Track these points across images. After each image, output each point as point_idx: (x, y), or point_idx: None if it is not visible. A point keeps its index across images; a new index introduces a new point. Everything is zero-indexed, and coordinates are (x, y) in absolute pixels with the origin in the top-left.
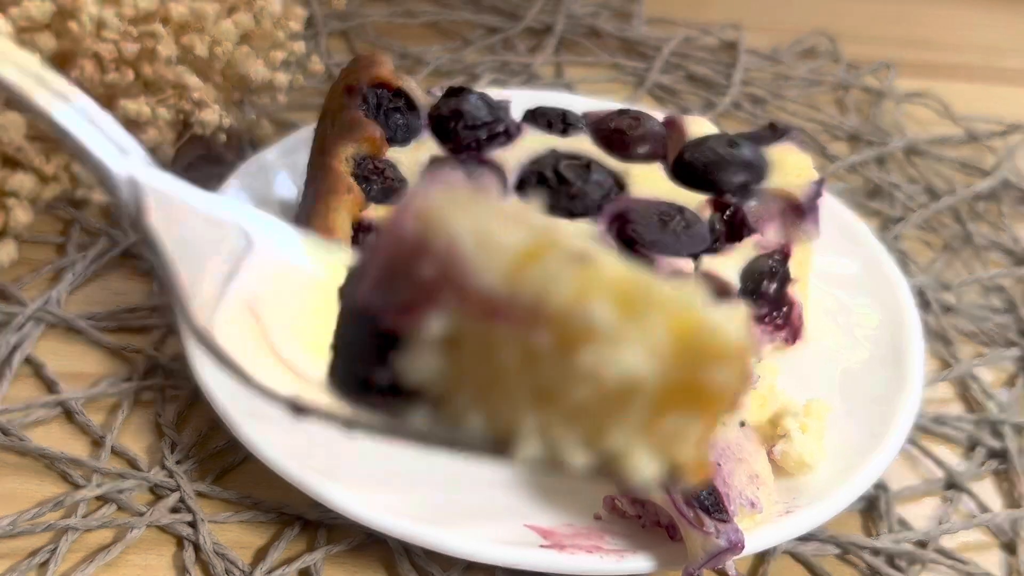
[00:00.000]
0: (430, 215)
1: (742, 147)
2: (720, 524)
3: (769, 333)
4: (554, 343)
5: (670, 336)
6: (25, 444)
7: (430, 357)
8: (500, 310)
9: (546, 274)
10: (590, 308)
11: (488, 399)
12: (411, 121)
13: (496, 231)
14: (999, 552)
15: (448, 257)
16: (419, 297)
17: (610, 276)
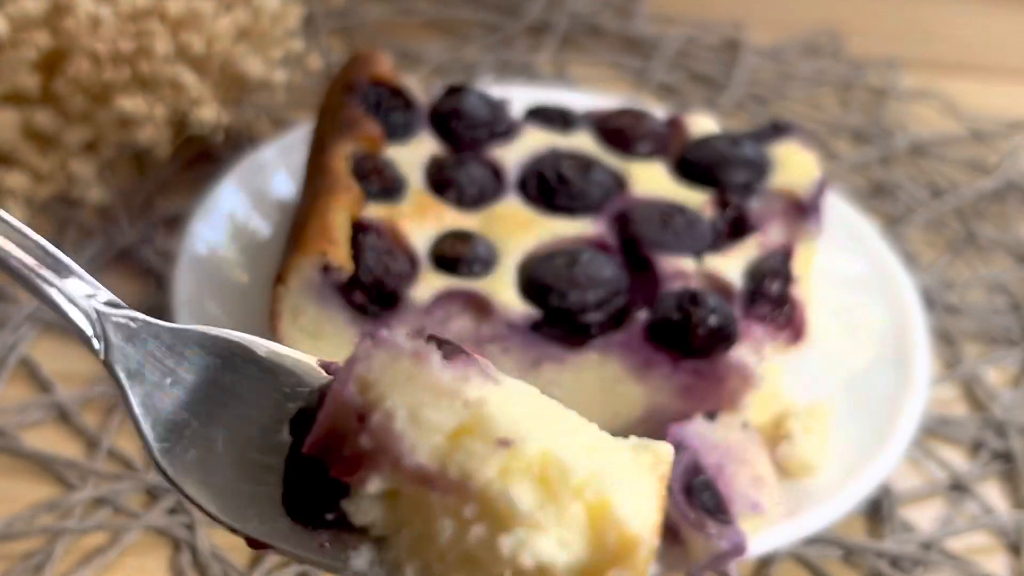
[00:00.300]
0: (371, 383)
1: (744, 145)
2: (722, 526)
3: (771, 333)
4: (479, 517)
5: (585, 516)
6: (20, 446)
7: (372, 506)
8: (432, 481)
9: (471, 456)
10: (510, 491)
11: (422, 553)
12: (410, 119)
13: (428, 409)
14: (1004, 554)
15: (383, 433)
16: (359, 458)
17: (531, 459)
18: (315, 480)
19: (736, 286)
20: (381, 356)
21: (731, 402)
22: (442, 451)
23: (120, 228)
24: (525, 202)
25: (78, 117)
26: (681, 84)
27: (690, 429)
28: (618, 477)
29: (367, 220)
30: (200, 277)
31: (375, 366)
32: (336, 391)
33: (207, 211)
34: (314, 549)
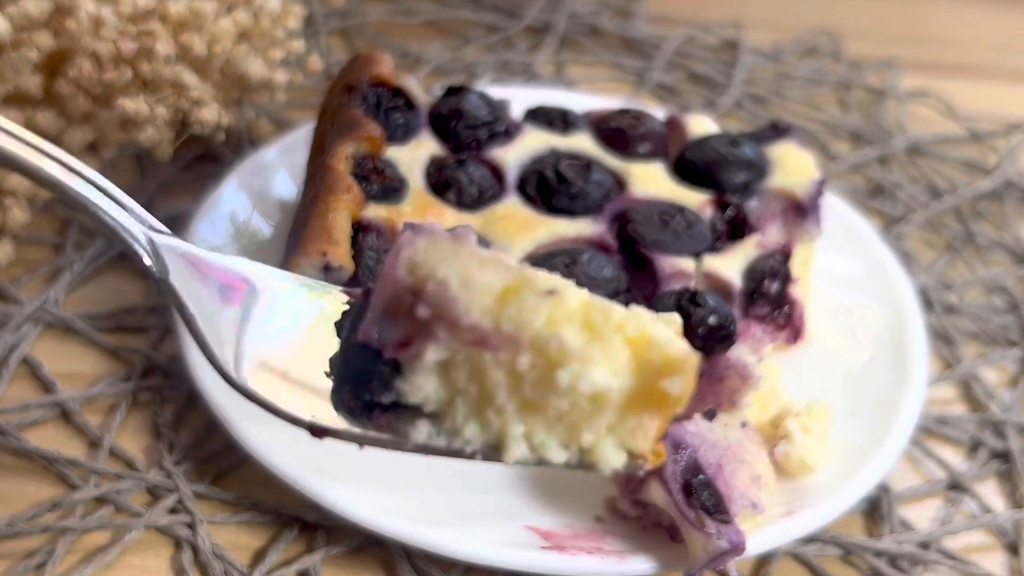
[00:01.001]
0: (419, 264)
1: (743, 146)
2: (722, 525)
3: (770, 333)
4: (534, 364)
5: (628, 353)
6: (22, 445)
7: (427, 380)
8: (486, 339)
9: (522, 308)
10: (561, 334)
11: (481, 413)
12: (411, 120)
13: (477, 274)
14: (1002, 553)
15: (439, 299)
16: (415, 332)
17: (575, 306)
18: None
19: (735, 286)
20: (423, 241)
21: (730, 401)
22: (493, 310)
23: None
24: (525, 202)
25: (80, 118)
26: (680, 84)
27: (689, 428)
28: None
29: (368, 221)
30: None
31: (419, 250)
32: (388, 275)
33: (208, 211)
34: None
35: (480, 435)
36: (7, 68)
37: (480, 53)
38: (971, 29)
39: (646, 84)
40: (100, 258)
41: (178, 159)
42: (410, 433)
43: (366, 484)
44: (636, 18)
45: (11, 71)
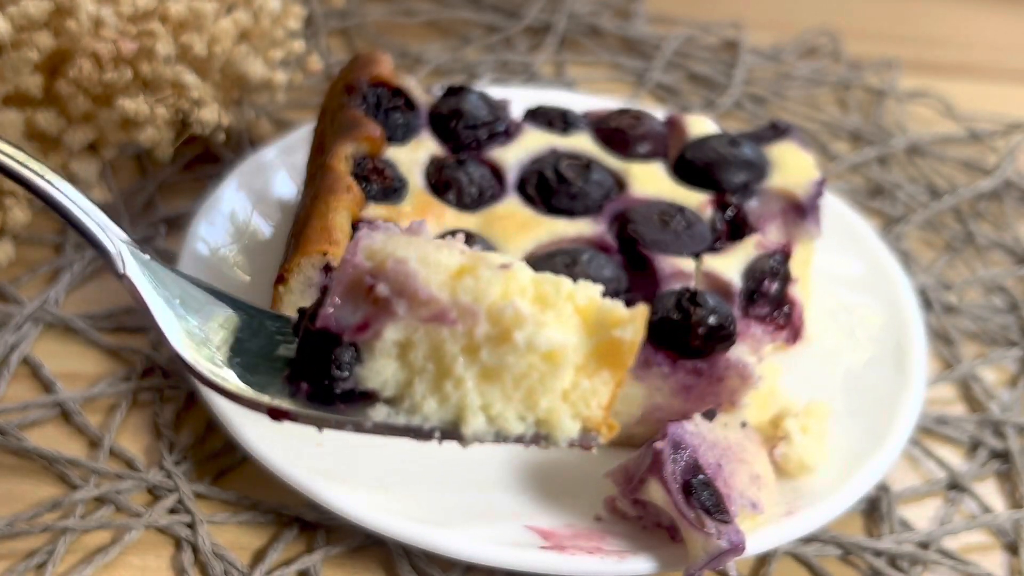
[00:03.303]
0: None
1: (743, 146)
2: (721, 525)
3: (770, 333)
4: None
5: (578, 317)
6: (23, 444)
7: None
8: (444, 313)
9: (478, 280)
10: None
11: (439, 388)
12: (410, 120)
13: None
14: (1002, 553)
15: (398, 274)
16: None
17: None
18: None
19: (735, 286)
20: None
21: (730, 401)
22: (450, 284)
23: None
24: (525, 202)
25: (80, 118)
26: (680, 85)
27: (689, 428)
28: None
29: (368, 220)
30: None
31: (377, 239)
32: (347, 261)
33: (208, 211)
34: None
35: (438, 411)
36: (7, 68)
37: (480, 53)
38: (971, 30)
39: (646, 84)
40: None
41: (178, 159)
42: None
43: (366, 484)
44: (636, 18)
45: (11, 71)
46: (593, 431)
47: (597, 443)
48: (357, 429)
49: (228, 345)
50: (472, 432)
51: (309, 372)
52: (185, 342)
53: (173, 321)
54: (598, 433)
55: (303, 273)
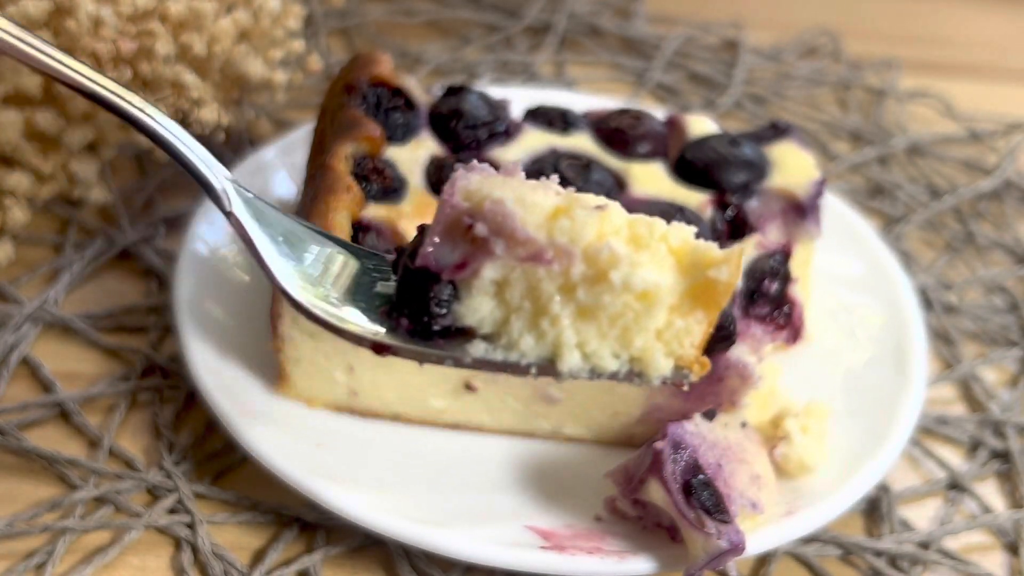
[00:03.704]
0: (475, 191)
1: (743, 146)
2: (721, 525)
3: (770, 333)
4: (586, 273)
5: (672, 257)
6: (22, 444)
7: (483, 301)
8: (541, 252)
9: (574, 221)
10: (611, 242)
11: (536, 326)
12: (410, 120)
13: (530, 195)
14: (1002, 553)
15: (497, 216)
16: (472, 254)
17: (621, 221)
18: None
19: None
20: (476, 175)
21: (730, 401)
22: (547, 225)
23: (121, 228)
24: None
25: (79, 117)
26: (680, 84)
27: (689, 428)
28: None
29: (367, 220)
30: (201, 277)
31: (474, 180)
32: (446, 201)
33: (208, 211)
34: (432, 346)
35: (535, 348)
36: (7, 68)
37: (480, 53)
38: (971, 29)
39: (646, 84)
40: (100, 258)
41: None
42: (467, 350)
43: (366, 484)
44: (636, 18)
45: (11, 71)
46: (685, 369)
47: (689, 380)
48: (457, 364)
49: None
50: (568, 368)
51: (409, 309)
52: (291, 279)
53: (277, 258)
54: (690, 371)
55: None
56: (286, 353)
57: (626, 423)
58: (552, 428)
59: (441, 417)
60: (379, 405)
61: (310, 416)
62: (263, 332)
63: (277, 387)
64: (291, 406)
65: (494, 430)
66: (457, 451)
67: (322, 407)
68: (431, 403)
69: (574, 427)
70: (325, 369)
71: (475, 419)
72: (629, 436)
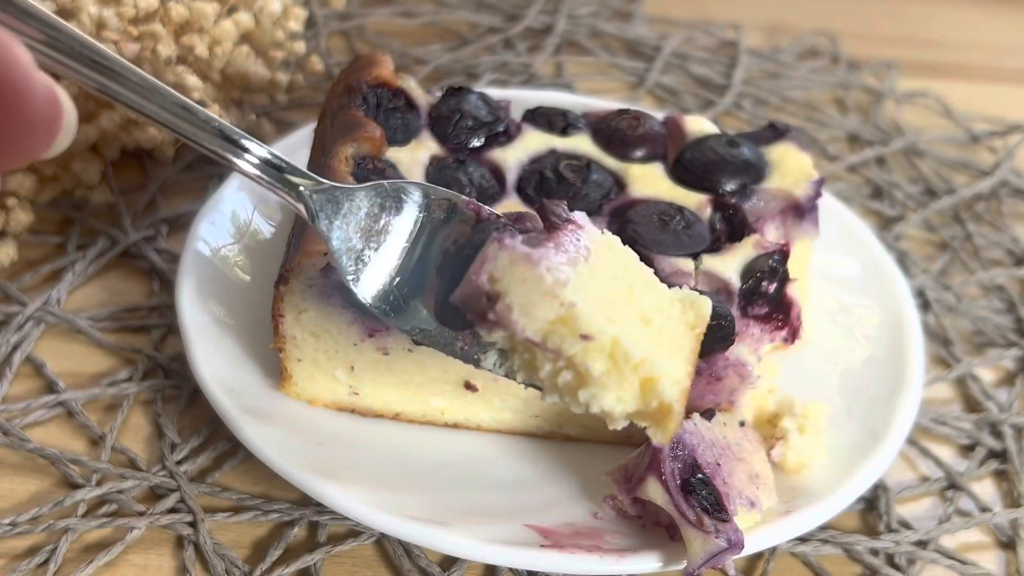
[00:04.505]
0: (496, 279)
1: (742, 147)
2: (720, 524)
3: (769, 332)
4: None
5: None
6: (25, 444)
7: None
8: (537, 346)
9: (564, 338)
10: (588, 363)
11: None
12: (411, 121)
13: (535, 308)
14: (999, 551)
15: (504, 316)
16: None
17: (605, 343)
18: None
19: (734, 286)
20: (504, 257)
21: (729, 400)
22: (544, 331)
23: (124, 228)
24: (525, 203)
25: (82, 118)
26: (679, 85)
27: (688, 427)
28: (664, 354)
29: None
30: (203, 277)
31: (500, 265)
32: (472, 280)
33: (210, 211)
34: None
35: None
36: None
37: (480, 54)
38: (968, 31)
39: (645, 85)
40: (102, 258)
41: (180, 159)
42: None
43: (367, 483)
44: (635, 19)
45: None
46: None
47: None
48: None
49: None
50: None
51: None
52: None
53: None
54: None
55: (304, 273)
56: (288, 352)
57: None
58: (552, 427)
59: (442, 416)
60: (380, 404)
61: (311, 415)
62: (265, 331)
63: (279, 386)
64: (293, 405)
65: (494, 429)
66: (457, 450)
67: (323, 406)
68: (432, 402)
69: (574, 426)
70: (327, 368)
71: (475, 418)
72: (628, 435)
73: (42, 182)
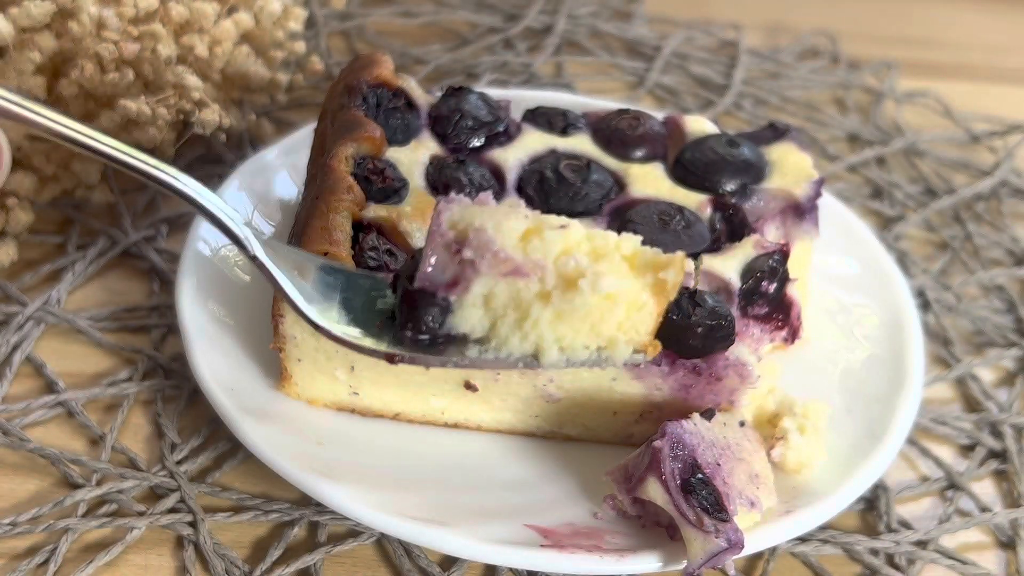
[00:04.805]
0: (457, 220)
1: (742, 147)
2: (720, 524)
3: (769, 332)
4: (558, 282)
5: (626, 263)
6: (25, 443)
7: (474, 312)
8: (519, 268)
9: (543, 239)
10: (576, 255)
11: (520, 329)
12: (411, 121)
13: (505, 221)
14: (999, 551)
15: (480, 241)
16: (461, 273)
17: (581, 236)
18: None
19: (734, 286)
20: (456, 207)
21: (729, 400)
22: (521, 245)
23: (124, 228)
24: (525, 203)
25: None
26: (679, 85)
27: (688, 427)
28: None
29: (368, 220)
30: (203, 277)
31: (455, 211)
32: (434, 231)
33: None
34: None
35: (520, 346)
36: (10, 69)
37: (480, 54)
38: (968, 31)
39: (645, 85)
40: (102, 258)
41: (179, 159)
42: (464, 353)
43: (367, 482)
44: (635, 19)
45: (14, 72)
46: (642, 351)
47: (646, 361)
48: (457, 365)
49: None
50: (549, 362)
51: (412, 323)
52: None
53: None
54: (646, 353)
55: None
56: (288, 352)
57: (625, 422)
58: (552, 427)
59: (442, 416)
60: (380, 404)
61: (312, 415)
62: (265, 332)
63: (279, 386)
64: (293, 405)
65: (494, 429)
66: (457, 450)
67: (323, 406)
68: (432, 402)
69: (574, 426)
70: (327, 368)
71: (475, 418)
72: (628, 435)
73: (42, 182)
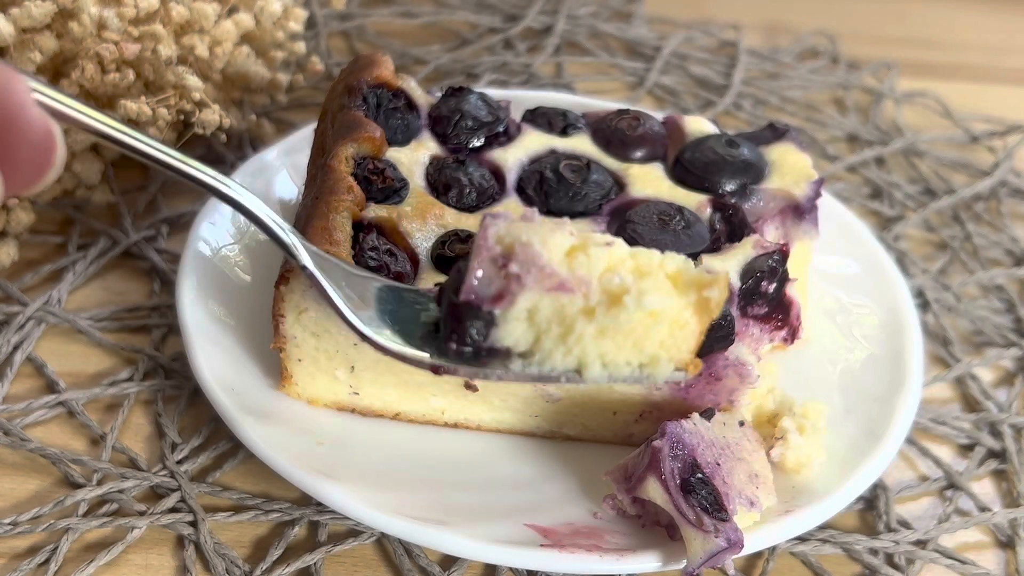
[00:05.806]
0: (504, 235)
1: (742, 147)
2: (719, 523)
3: (768, 332)
4: (602, 298)
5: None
6: (26, 443)
7: (517, 326)
8: (564, 283)
9: (589, 256)
10: (619, 273)
11: (563, 343)
12: (411, 121)
13: (551, 237)
14: (998, 551)
15: (526, 255)
16: (507, 287)
17: (625, 253)
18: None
19: (733, 286)
20: (503, 222)
21: (728, 400)
22: (567, 261)
23: (124, 228)
24: (525, 203)
25: None
26: (679, 86)
27: (687, 427)
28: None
29: (368, 221)
30: (204, 277)
31: (502, 227)
32: (481, 246)
33: (210, 212)
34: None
35: (563, 361)
36: None
37: (480, 54)
38: (968, 32)
39: (645, 85)
40: (103, 258)
41: None
42: (508, 367)
43: (367, 482)
44: (635, 20)
45: None
46: (683, 369)
47: (687, 379)
48: (500, 378)
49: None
50: (591, 377)
51: (457, 335)
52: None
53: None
54: (687, 371)
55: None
56: (288, 352)
57: (625, 422)
58: (552, 427)
59: (442, 416)
60: (380, 404)
61: (312, 415)
62: (265, 331)
63: (279, 386)
64: (293, 405)
65: (494, 429)
66: (457, 450)
67: (324, 406)
68: (432, 402)
69: (573, 426)
70: (327, 368)
71: (475, 418)
72: (628, 435)
73: None
